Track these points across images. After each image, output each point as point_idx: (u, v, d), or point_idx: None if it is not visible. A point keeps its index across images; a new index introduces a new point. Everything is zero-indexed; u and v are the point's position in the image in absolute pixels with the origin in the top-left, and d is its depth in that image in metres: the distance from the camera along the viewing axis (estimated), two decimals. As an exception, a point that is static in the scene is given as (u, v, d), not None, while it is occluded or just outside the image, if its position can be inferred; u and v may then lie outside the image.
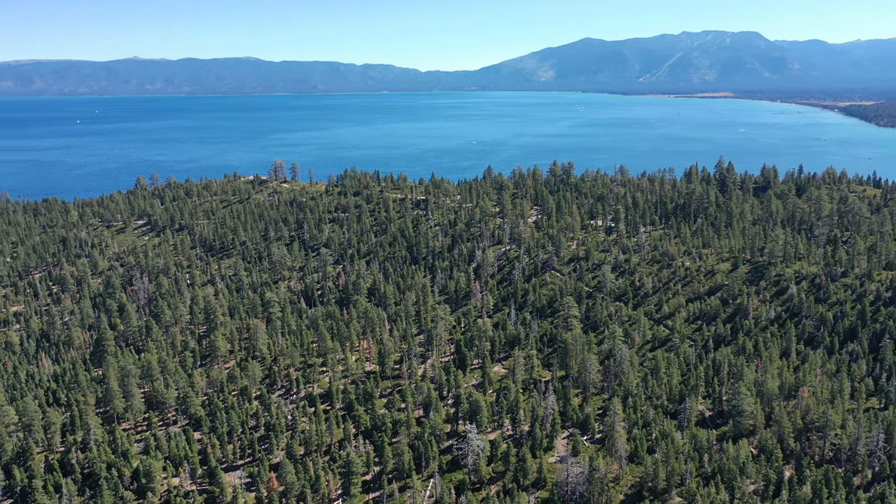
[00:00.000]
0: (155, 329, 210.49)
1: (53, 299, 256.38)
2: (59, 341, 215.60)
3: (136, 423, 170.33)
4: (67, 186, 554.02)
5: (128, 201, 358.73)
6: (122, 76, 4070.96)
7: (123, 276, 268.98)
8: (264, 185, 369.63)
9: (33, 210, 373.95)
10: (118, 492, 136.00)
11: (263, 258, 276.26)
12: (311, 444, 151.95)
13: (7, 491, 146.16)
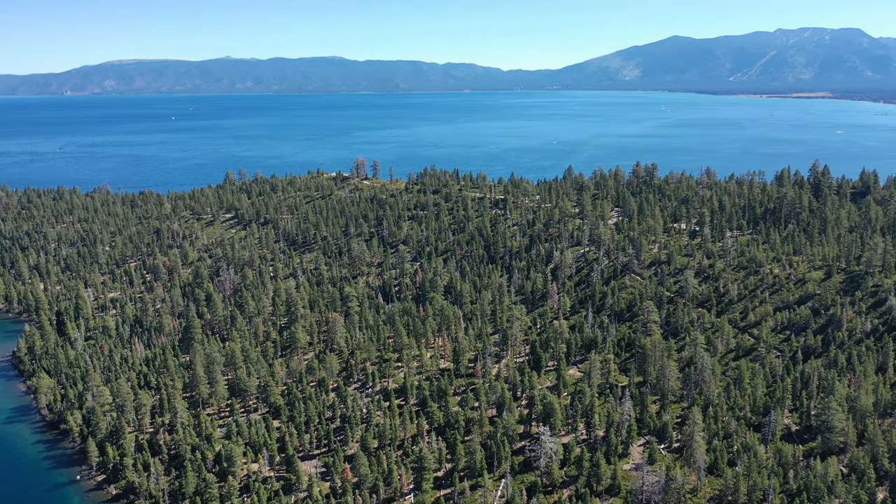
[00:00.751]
0: (239, 319, 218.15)
1: (147, 287, 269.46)
2: (150, 327, 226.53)
3: (219, 409, 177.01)
4: (162, 180, 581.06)
5: (217, 195, 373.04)
6: (215, 75, 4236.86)
7: (211, 267, 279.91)
8: (346, 181, 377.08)
9: (131, 202, 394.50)
10: (201, 473, 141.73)
11: (343, 253, 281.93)
12: (385, 438, 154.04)
13: (101, 467, 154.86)
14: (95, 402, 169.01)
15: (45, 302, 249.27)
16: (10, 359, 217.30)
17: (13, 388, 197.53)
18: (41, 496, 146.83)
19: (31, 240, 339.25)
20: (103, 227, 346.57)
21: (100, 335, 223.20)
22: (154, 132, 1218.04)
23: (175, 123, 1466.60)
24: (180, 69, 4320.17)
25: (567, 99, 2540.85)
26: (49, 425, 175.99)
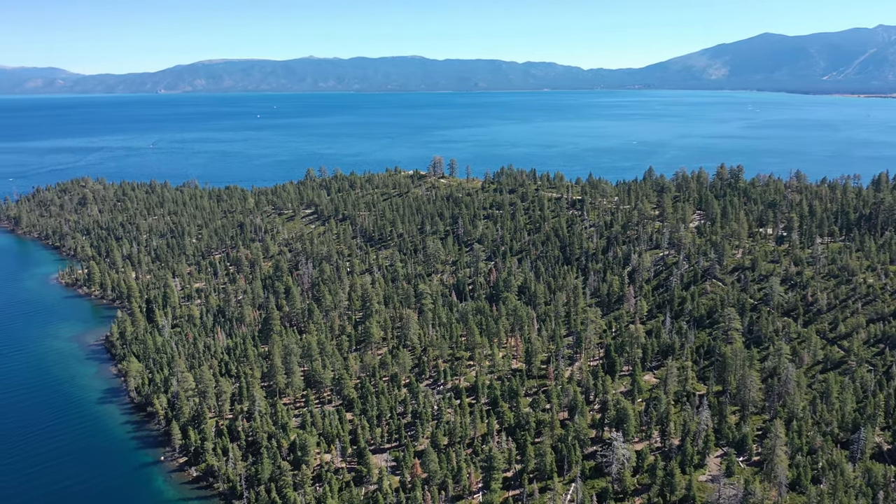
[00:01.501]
0: (316, 312, 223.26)
1: (230, 279, 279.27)
2: (232, 317, 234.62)
3: (295, 399, 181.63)
4: (246, 175, 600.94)
5: (298, 191, 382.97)
6: (299, 74, 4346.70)
7: (291, 261, 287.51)
8: (423, 179, 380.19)
9: (217, 196, 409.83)
10: (276, 461, 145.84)
11: (419, 251, 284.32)
12: (455, 436, 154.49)
13: (183, 449, 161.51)
14: (180, 388, 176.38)
15: (136, 290, 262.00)
16: (104, 343, 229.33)
17: (105, 371, 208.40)
18: (128, 474, 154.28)
19: (125, 230, 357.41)
20: (191, 220, 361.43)
21: (185, 323, 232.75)
22: (240, 129, 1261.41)
23: (260, 121, 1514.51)
24: (266, 69, 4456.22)
25: (648, 98, 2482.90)
26: (137, 407, 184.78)
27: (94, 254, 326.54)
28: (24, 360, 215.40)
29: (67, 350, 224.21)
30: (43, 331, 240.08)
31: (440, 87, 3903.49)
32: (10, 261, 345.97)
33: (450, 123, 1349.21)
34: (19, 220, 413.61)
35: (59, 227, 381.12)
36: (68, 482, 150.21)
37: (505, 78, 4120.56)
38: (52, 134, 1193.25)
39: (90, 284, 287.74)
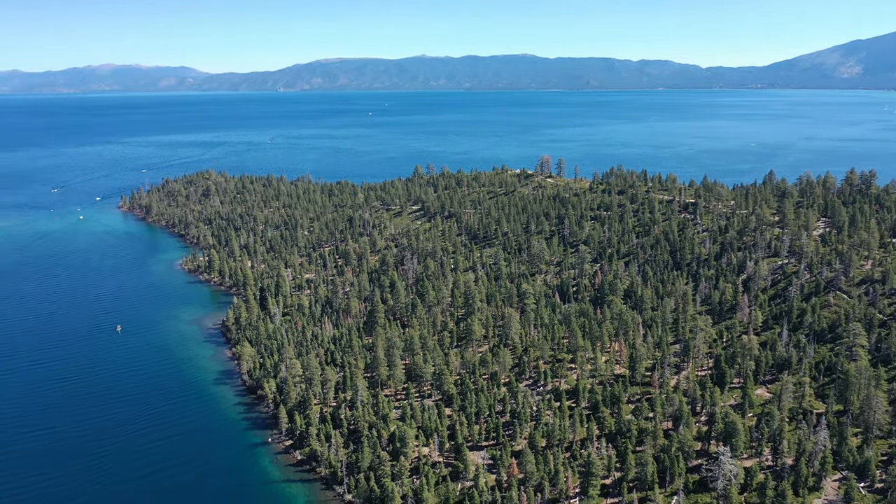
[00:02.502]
0: (419, 307, 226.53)
1: (338, 271, 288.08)
2: (339, 308, 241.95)
3: (396, 391, 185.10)
4: (357, 171, 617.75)
5: (406, 188, 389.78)
6: (411, 73, 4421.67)
7: (397, 256, 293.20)
8: (530, 178, 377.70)
9: (329, 191, 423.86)
10: (376, 450, 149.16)
11: (523, 250, 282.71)
12: (554, 438, 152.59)
13: (289, 433, 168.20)
14: (288, 374, 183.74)
15: (251, 278, 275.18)
16: (220, 327, 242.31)
17: (221, 354, 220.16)
18: (238, 453, 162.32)
19: (243, 221, 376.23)
20: (304, 213, 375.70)
21: (295, 312, 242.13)
22: (352, 126, 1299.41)
23: (371, 119, 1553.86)
24: (379, 67, 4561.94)
25: (771, 98, 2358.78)
26: (248, 390, 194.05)
27: (215, 242, 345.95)
28: (151, 340, 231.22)
29: (188, 332, 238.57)
30: (167, 313, 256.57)
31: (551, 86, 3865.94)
32: (142, 247, 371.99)
33: (559, 122, 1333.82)
34: (150, 208, 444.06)
35: (185, 217, 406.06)
36: (185, 455, 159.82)
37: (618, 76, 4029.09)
38: (181, 129, 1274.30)
39: (210, 271, 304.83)
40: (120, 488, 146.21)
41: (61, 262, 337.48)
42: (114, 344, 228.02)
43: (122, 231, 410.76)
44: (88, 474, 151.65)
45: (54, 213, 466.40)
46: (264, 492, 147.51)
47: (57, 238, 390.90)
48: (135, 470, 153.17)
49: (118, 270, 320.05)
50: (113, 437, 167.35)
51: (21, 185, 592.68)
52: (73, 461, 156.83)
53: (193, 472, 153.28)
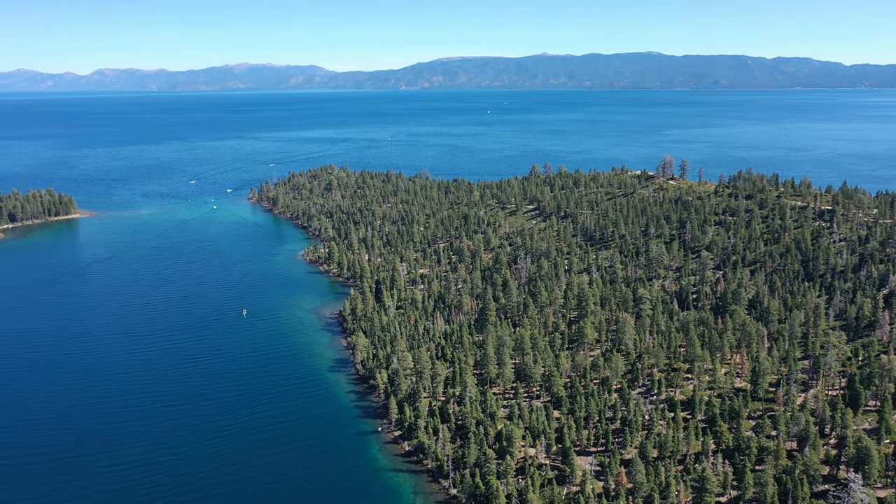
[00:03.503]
0: (531, 307, 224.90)
1: (452, 267, 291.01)
2: (451, 304, 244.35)
3: (504, 390, 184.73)
4: (473, 169, 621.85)
5: (522, 186, 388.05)
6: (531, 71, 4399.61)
7: (510, 255, 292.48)
8: (650, 180, 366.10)
9: (445, 188, 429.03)
10: (482, 448, 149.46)
11: (641, 254, 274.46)
12: (666, 450, 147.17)
13: (398, 424, 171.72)
14: (399, 366, 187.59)
15: (368, 271, 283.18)
16: (337, 317, 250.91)
17: (337, 343, 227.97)
18: (349, 439, 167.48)
19: (362, 215, 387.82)
20: (420, 209, 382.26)
21: (408, 306, 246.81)
22: (470, 124, 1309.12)
23: (490, 117, 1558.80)
24: (499, 66, 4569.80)
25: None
26: (361, 379, 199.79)
27: (335, 235, 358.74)
28: (272, 325, 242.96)
29: (307, 320, 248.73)
30: (288, 300, 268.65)
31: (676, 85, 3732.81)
32: (267, 237, 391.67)
33: (684, 122, 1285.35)
34: (276, 200, 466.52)
35: (308, 209, 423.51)
36: (299, 437, 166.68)
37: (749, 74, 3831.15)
38: (307, 125, 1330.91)
39: (329, 263, 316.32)
40: (236, 468, 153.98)
41: (196, 248, 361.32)
42: (239, 327, 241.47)
43: (250, 221, 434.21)
44: (208, 453, 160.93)
45: (191, 202, 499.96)
46: (373, 479, 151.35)
47: (192, 226, 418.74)
48: (251, 451, 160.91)
49: (245, 258, 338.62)
50: (234, 416, 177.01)
51: (163, 176, 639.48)
52: (195, 438, 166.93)
53: (306, 454, 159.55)
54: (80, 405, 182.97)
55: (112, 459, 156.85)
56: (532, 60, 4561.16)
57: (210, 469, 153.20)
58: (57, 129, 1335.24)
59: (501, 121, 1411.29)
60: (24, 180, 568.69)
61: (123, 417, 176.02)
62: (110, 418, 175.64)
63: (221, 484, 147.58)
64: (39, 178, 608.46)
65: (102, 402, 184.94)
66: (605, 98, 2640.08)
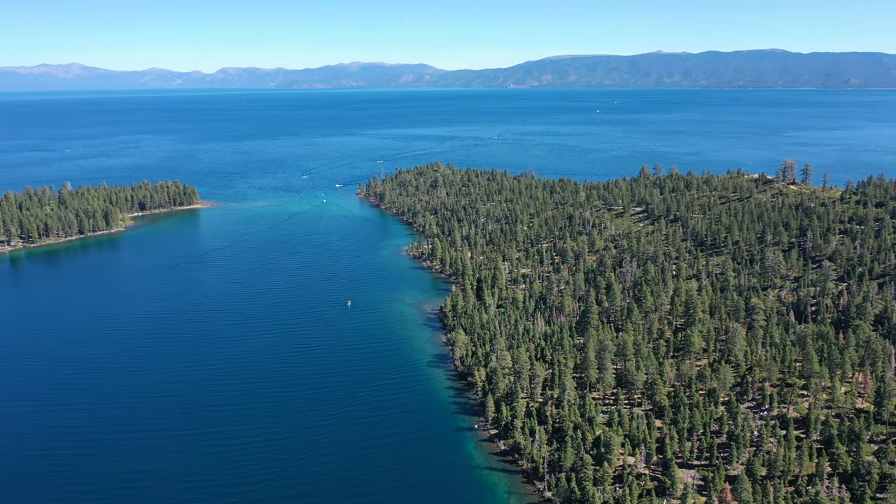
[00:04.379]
0: (635, 312, 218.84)
1: (554, 268, 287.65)
2: (552, 305, 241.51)
3: (604, 395, 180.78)
4: (580, 169, 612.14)
5: (630, 188, 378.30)
6: (644, 69, 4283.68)
7: (615, 258, 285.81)
8: (769, 184, 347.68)
9: (550, 188, 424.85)
10: (579, 452, 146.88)
11: (755, 261, 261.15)
12: (776, 469, 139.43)
13: (495, 422, 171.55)
14: (497, 364, 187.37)
15: (470, 269, 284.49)
16: (438, 313, 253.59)
17: (437, 338, 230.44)
18: (446, 434, 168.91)
19: (466, 213, 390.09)
20: (524, 209, 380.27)
21: (509, 305, 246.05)
22: (579, 124, 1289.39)
23: (599, 116, 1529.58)
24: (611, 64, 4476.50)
25: None
26: (459, 375, 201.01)
27: (439, 232, 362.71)
28: (375, 317, 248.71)
29: (409, 314, 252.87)
30: (391, 294, 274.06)
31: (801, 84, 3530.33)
32: (374, 232, 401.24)
33: (808, 124, 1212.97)
34: (383, 196, 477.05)
35: (413, 206, 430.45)
36: (397, 428, 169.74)
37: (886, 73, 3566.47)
38: (415, 123, 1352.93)
39: (432, 259, 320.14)
40: (334, 458, 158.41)
41: (306, 240, 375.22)
42: (343, 318, 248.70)
43: (357, 216, 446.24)
44: (310, 439, 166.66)
45: (303, 196, 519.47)
46: (467, 475, 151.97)
47: (303, 219, 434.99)
48: (349, 440, 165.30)
49: (352, 251, 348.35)
50: (335, 404, 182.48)
51: (278, 171, 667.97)
52: (298, 423, 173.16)
53: (403, 446, 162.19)
54: (199, 385, 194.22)
55: (227, 437, 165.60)
56: (645, 58, 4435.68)
57: (311, 454, 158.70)
58: (184, 124, 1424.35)
59: (611, 120, 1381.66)
60: (153, 172, 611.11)
61: (234, 399, 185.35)
62: (224, 399, 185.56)
63: (320, 471, 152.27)
64: (167, 170, 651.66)
65: (218, 383, 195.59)
66: (723, 97, 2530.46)
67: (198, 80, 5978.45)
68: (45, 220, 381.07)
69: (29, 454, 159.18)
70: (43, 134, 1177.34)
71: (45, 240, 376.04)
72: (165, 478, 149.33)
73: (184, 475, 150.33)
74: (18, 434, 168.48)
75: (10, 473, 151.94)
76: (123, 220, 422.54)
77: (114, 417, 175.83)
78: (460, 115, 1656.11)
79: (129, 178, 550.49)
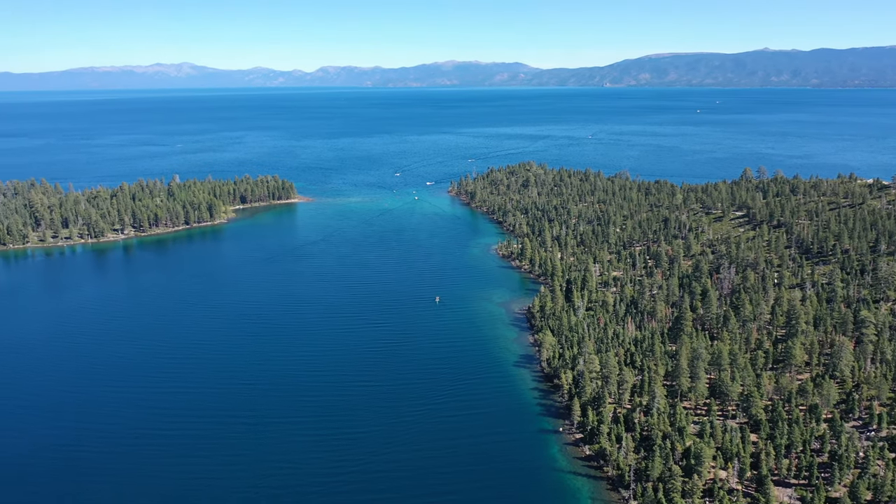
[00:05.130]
0: (732, 320, 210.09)
1: (647, 272, 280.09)
2: (644, 310, 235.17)
3: (696, 405, 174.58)
4: (677, 171, 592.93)
5: (730, 191, 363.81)
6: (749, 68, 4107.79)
7: (712, 263, 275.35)
8: (884, 190, 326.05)
9: (645, 189, 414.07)
10: (668, 463, 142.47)
11: (867, 272, 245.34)
12: (882, 494, 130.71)
13: (580, 426, 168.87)
14: (585, 368, 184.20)
15: (560, 270, 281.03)
16: (525, 313, 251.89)
17: (524, 338, 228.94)
18: (530, 436, 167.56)
19: (557, 213, 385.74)
20: (617, 210, 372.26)
21: (598, 308, 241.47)
22: (677, 124, 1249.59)
23: (699, 116, 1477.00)
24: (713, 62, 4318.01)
25: None
26: (545, 377, 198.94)
27: (529, 231, 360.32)
28: (463, 315, 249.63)
29: (496, 313, 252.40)
30: (479, 293, 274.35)
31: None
32: (464, 229, 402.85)
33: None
34: (474, 195, 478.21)
35: (503, 205, 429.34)
36: (480, 427, 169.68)
37: None
38: (508, 122, 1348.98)
39: (522, 258, 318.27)
40: (416, 454, 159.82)
41: (397, 236, 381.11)
42: (431, 313, 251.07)
43: (448, 213, 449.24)
44: (395, 433, 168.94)
45: (395, 193, 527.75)
46: (550, 478, 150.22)
47: (395, 215, 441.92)
48: (433, 436, 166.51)
49: (442, 248, 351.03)
50: (421, 399, 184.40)
51: (372, 167, 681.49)
52: (384, 417, 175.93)
53: (486, 445, 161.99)
54: (289, 374, 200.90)
55: (313, 426, 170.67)
56: (750, 56, 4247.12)
57: (394, 448, 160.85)
58: (284, 121, 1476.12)
59: (712, 121, 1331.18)
60: (254, 167, 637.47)
61: (323, 389, 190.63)
62: (313, 388, 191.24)
63: (402, 465, 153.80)
64: (267, 165, 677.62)
65: (307, 372, 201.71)
66: (836, 97, 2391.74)
67: (298, 78, 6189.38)
68: (155, 211, 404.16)
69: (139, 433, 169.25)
70: (155, 129, 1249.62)
71: (155, 229, 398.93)
72: (253, 463, 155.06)
73: (271, 461, 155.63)
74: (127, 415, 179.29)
75: (121, 451, 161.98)
76: (226, 212, 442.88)
77: (210, 402, 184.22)
78: (554, 113, 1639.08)
79: (232, 172, 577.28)
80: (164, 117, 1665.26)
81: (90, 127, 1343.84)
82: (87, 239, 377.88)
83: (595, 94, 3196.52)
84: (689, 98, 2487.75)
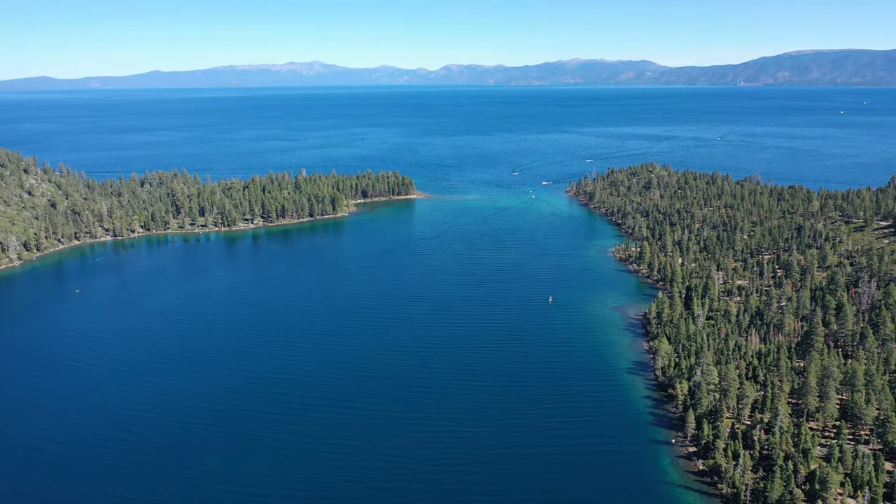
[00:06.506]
0: (870, 339, 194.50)
1: (776, 282, 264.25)
2: (770, 323, 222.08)
3: (823, 427, 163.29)
4: (815, 176, 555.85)
5: (875, 199, 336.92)
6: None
7: (850, 276, 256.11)
8: None
9: (778, 195, 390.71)
10: (789, 486, 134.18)
11: None
12: None
13: (694, 440, 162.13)
14: (702, 379, 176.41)
15: (680, 276, 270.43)
16: (641, 318, 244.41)
17: (638, 345, 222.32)
18: (640, 446, 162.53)
19: (679, 217, 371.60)
20: (745, 216, 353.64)
21: (720, 317, 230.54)
22: (818, 126, 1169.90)
23: (843, 118, 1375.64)
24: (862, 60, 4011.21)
25: None
26: (659, 386, 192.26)
27: (649, 235, 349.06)
28: (576, 317, 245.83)
29: (610, 317, 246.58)
30: (594, 295, 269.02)
31: None
32: (582, 230, 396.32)
33: None
34: (593, 195, 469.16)
35: (623, 207, 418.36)
36: (590, 433, 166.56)
37: None
38: (632, 121, 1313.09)
39: (640, 262, 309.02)
40: (524, 457, 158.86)
41: (512, 235, 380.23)
42: (543, 314, 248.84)
43: (565, 214, 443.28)
44: (501, 434, 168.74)
45: (512, 192, 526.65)
46: (660, 491, 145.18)
47: (511, 214, 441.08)
48: (541, 444, 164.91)
49: (557, 249, 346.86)
50: (529, 403, 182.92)
51: (490, 166, 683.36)
52: (490, 419, 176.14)
53: (595, 451, 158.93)
54: (400, 367, 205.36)
55: (422, 420, 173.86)
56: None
57: (501, 449, 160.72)
58: (407, 118, 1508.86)
59: (858, 122, 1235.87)
60: (376, 162, 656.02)
61: (432, 384, 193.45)
62: (423, 383, 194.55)
63: (508, 469, 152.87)
64: (388, 161, 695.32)
65: (416, 366, 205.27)
66: None
67: (423, 76, 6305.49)
68: (283, 203, 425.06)
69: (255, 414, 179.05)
70: (287, 125, 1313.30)
71: (282, 220, 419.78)
72: (361, 454, 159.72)
73: (379, 453, 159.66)
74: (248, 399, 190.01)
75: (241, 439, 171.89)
76: (347, 205, 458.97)
77: (323, 388, 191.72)
78: (681, 113, 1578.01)
79: (355, 167, 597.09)
80: (294, 113, 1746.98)
81: (228, 122, 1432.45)
82: (220, 227, 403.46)
83: (727, 93, 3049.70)
84: (833, 98, 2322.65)
